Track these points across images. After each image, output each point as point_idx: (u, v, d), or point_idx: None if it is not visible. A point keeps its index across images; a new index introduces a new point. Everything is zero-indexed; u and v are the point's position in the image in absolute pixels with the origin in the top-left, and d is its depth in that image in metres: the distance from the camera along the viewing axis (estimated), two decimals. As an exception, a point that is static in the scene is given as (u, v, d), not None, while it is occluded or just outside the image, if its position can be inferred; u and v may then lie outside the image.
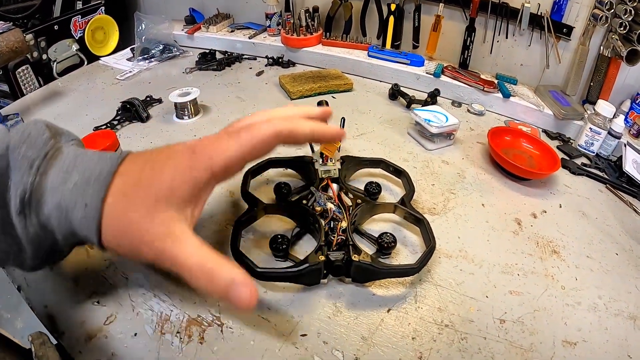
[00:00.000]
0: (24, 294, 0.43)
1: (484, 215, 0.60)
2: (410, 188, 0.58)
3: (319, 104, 0.67)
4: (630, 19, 0.73)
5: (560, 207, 0.64)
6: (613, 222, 0.62)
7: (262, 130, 0.35)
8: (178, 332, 0.41)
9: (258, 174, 0.59)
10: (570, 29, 0.84)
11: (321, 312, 0.44)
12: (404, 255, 0.52)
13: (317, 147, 0.58)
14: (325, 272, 0.46)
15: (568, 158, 0.76)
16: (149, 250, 0.32)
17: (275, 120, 0.36)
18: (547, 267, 0.53)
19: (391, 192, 0.63)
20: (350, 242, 0.46)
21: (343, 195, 0.56)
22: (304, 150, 0.65)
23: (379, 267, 0.45)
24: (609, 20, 0.76)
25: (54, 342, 0.34)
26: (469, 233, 0.57)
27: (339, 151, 0.56)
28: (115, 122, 0.78)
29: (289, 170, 0.64)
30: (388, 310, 0.45)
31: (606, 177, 0.72)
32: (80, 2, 1.19)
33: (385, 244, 0.49)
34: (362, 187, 0.59)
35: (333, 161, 0.56)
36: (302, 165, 0.60)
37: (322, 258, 0.44)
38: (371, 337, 0.42)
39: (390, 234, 0.50)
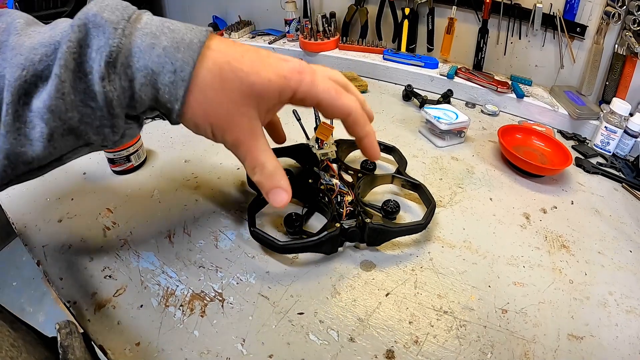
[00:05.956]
0: (42, 268, 0.46)
1: (491, 208, 0.60)
2: (402, 160, 0.62)
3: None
4: (644, 16, 0.72)
5: (572, 203, 0.63)
6: (628, 220, 0.61)
7: (349, 103, 0.37)
8: (181, 306, 0.42)
9: None
10: (583, 28, 0.83)
11: (320, 293, 0.45)
12: (407, 221, 0.55)
13: (311, 134, 0.62)
14: (342, 239, 0.49)
15: (583, 157, 0.75)
16: (230, 137, 0.35)
17: (357, 103, 0.38)
18: (555, 260, 0.52)
19: (385, 169, 0.67)
20: (361, 210, 0.49)
21: (343, 174, 0.60)
22: (296, 140, 0.67)
23: (391, 226, 0.49)
24: (622, 18, 0.75)
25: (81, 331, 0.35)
26: (475, 225, 0.56)
27: (332, 136, 0.60)
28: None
29: (287, 159, 0.65)
30: (387, 295, 0.45)
31: (622, 176, 0.70)
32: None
33: (390, 209, 0.53)
34: (358, 167, 0.63)
35: (328, 144, 0.60)
36: (300, 152, 0.63)
37: (338, 225, 0.47)
38: (367, 319, 0.42)
39: (394, 200, 0.54)
